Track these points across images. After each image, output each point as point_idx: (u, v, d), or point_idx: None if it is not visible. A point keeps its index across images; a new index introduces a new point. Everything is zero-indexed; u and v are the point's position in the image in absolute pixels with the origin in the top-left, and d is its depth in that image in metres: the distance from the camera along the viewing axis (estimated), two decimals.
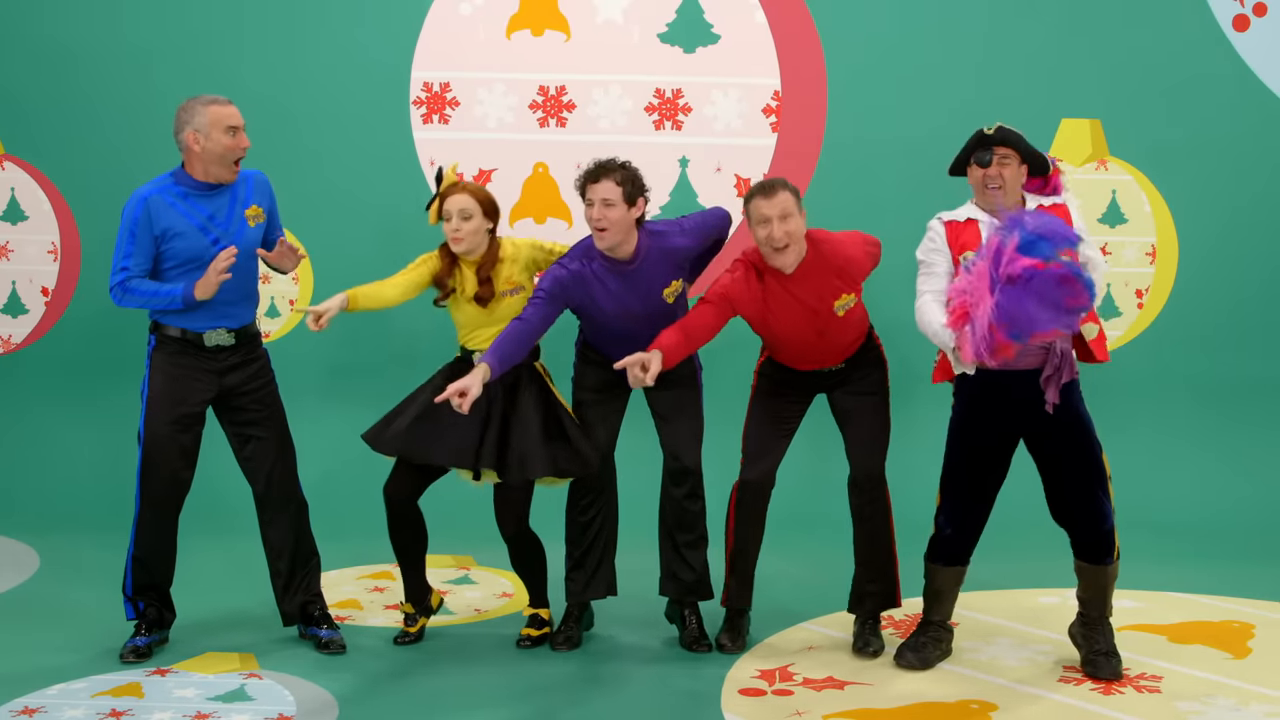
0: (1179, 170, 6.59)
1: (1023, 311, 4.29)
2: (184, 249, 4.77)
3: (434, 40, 6.67)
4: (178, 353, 4.84)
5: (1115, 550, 4.79)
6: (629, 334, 4.84)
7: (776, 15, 6.60)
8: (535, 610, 5.14)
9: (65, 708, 4.44)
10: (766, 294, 4.79)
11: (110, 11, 6.73)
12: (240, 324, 4.91)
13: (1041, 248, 4.32)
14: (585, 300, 4.84)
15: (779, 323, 4.83)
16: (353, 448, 5.65)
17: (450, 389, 4.54)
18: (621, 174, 4.74)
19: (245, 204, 4.87)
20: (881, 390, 5.02)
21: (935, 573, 4.91)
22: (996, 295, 4.33)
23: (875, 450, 4.96)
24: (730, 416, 5.18)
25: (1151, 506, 6.50)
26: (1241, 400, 6.69)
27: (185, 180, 4.82)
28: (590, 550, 5.08)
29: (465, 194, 4.85)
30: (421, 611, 5.14)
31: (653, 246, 4.86)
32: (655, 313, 4.87)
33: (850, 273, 4.83)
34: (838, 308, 4.81)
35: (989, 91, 6.45)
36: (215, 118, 4.76)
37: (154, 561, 4.93)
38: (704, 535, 5.08)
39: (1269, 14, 6.55)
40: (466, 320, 4.95)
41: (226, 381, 4.89)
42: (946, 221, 4.76)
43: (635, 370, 4.60)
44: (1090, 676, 4.76)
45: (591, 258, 4.83)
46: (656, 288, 4.86)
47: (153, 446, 4.82)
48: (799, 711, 4.50)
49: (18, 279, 6.99)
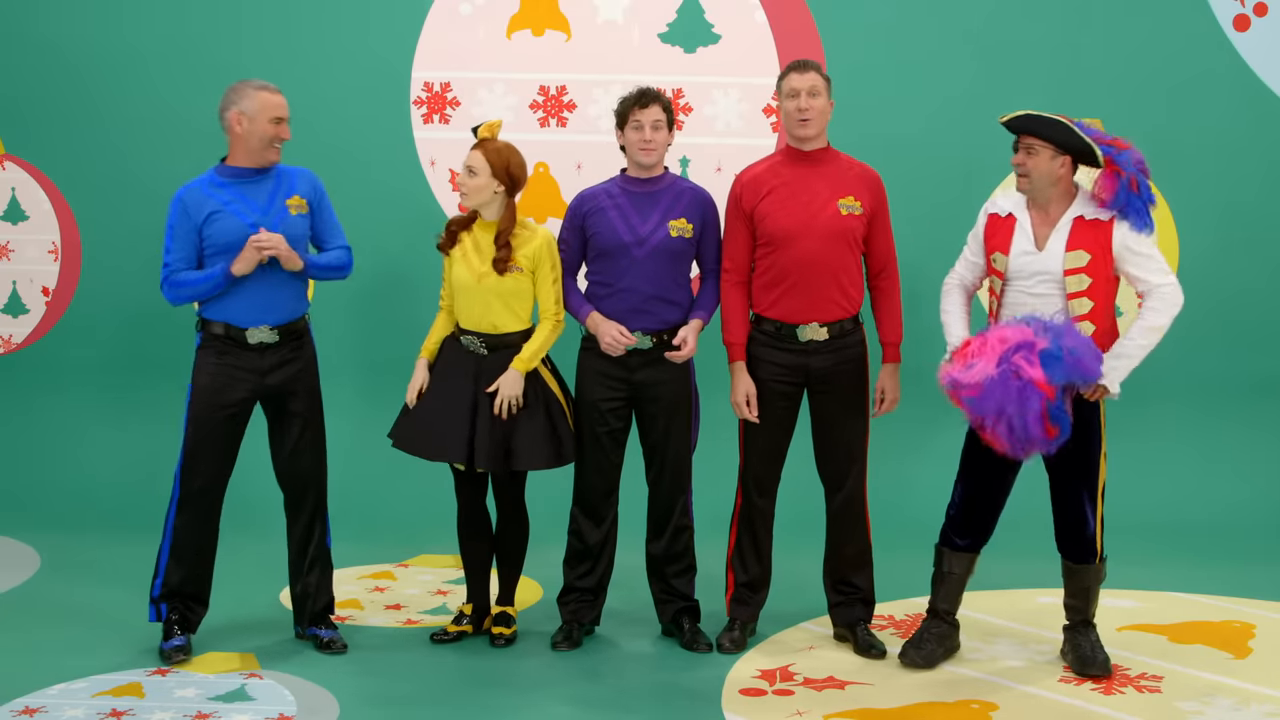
0: (1179, 170, 6.58)
1: (999, 407, 4.40)
2: (223, 232, 4.77)
3: (434, 40, 6.67)
4: (222, 350, 4.85)
5: (1099, 554, 4.80)
6: (632, 270, 4.92)
7: (776, 15, 6.60)
8: (503, 608, 5.16)
9: (65, 708, 4.44)
10: (777, 182, 4.91)
11: (110, 12, 6.72)
12: (285, 319, 4.88)
13: (1057, 372, 4.41)
14: (595, 214, 4.97)
15: (784, 211, 4.86)
16: (354, 447, 5.67)
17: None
18: (665, 101, 4.98)
19: (288, 194, 4.87)
20: (863, 403, 5.02)
21: (942, 556, 4.92)
22: (995, 371, 4.41)
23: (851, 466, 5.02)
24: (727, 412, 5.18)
25: (1152, 506, 6.50)
26: (1242, 400, 6.68)
27: (226, 171, 4.86)
28: (588, 575, 5.12)
29: (478, 151, 4.91)
30: (472, 618, 5.16)
31: (679, 181, 5.03)
32: (658, 246, 4.92)
33: (865, 183, 4.92)
34: (841, 205, 4.86)
35: (989, 91, 6.44)
36: (264, 104, 4.79)
37: (192, 559, 4.91)
38: (692, 564, 5.16)
39: (1269, 14, 6.54)
40: (456, 285, 4.94)
41: (269, 381, 4.88)
42: (990, 214, 4.78)
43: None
44: (1082, 676, 4.76)
45: (612, 182, 5.03)
46: (667, 216, 4.94)
47: (195, 444, 4.85)
48: (799, 711, 4.50)
49: (18, 279, 6.98)
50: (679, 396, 5.02)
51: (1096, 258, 4.62)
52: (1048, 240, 4.66)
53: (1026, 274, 4.66)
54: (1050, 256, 4.64)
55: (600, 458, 5.03)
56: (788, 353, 4.94)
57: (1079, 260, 4.61)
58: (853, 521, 5.06)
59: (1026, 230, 4.69)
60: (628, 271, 4.94)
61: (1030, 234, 4.68)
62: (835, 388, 4.96)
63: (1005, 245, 4.69)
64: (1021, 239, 4.68)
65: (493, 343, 4.92)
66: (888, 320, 5.01)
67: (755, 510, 5.06)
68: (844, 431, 5.01)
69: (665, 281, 4.95)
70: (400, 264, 6.39)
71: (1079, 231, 4.64)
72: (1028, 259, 4.67)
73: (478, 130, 4.95)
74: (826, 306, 4.89)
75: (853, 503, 5.05)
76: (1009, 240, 4.69)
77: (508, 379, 4.87)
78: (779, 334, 4.94)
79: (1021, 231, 4.69)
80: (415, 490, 6.08)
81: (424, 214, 6.51)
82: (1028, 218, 4.70)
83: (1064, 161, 4.64)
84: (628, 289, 4.94)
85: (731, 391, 5.01)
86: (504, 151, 4.90)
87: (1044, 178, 4.65)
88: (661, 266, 4.94)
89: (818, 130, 4.90)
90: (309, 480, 5.00)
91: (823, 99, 4.88)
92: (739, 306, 5.02)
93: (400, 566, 6.02)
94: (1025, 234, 4.69)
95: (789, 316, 4.92)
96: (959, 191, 6.36)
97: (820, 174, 4.91)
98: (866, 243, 4.95)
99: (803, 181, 4.90)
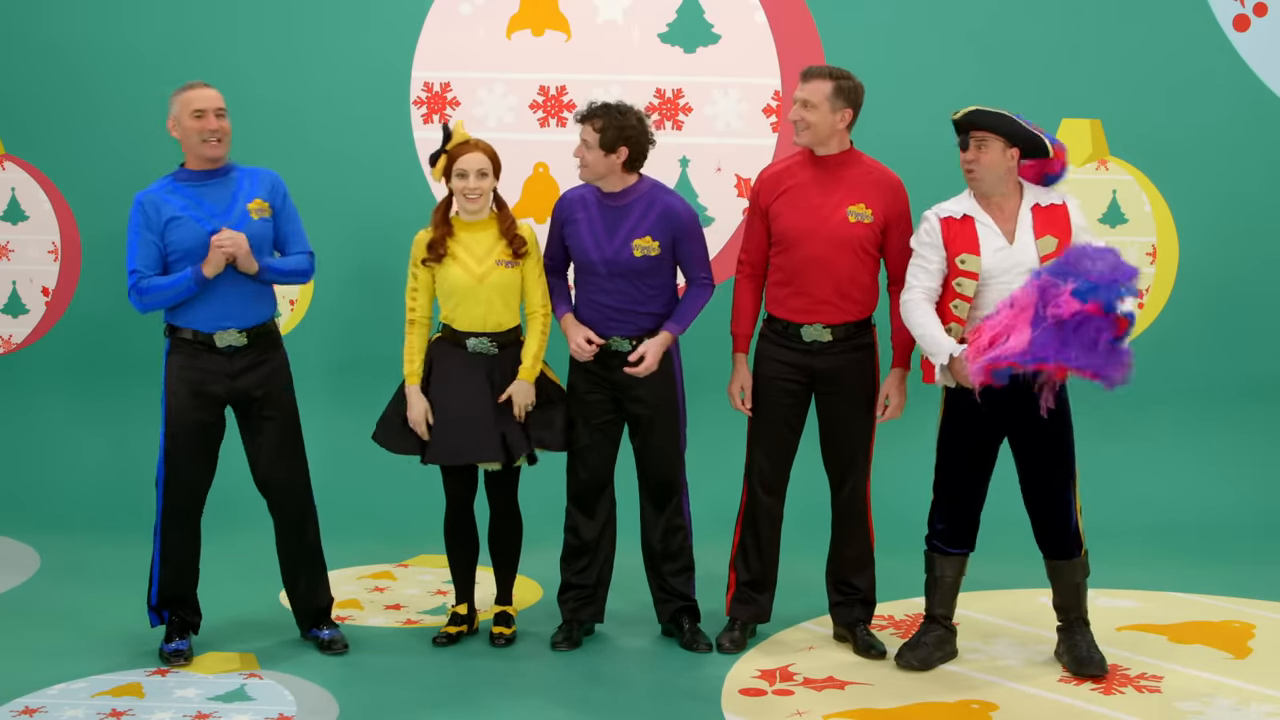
0: (1179, 170, 6.58)
1: (1063, 352, 4.37)
2: (184, 237, 4.76)
3: (434, 40, 6.67)
4: (192, 355, 4.83)
5: (1082, 545, 4.81)
6: (601, 288, 4.93)
7: (776, 15, 6.60)
8: (502, 608, 5.16)
9: (65, 708, 4.44)
10: (793, 183, 4.91)
11: (110, 11, 6.72)
12: (252, 323, 4.85)
13: (1100, 294, 4.38)
14: (569, 224, 4.99)
15: (794, 212, 4.86)
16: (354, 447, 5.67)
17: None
18: (602, 119, 4.89)
19: (249, 197, 4.84)
20: (868, 406, 5.01)
21: (933, 560, 4.92)
22: (1034, 333, 4.38)
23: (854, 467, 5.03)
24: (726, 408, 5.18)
25: (1152, 507, 6.50)
26: (1242, 399, 6.67)
27: (183, 175, 4.84)
28: (585, 571, 5.12)
29: (480, 152, 4.88)
30: (466, 618, 5.16)
31: (650, 194, 4.97)
32: (621, 264, 4.90)
33: (881, 189, 4.90)
34: (850, 212, 4.85)
35: (989, 91, 6.40)
36: (183, 103, 4.79)
37: (180, 565, 4.90)
38: (689, 564, 5.15)
39: (1269, 14, 6.54)
40: (452, 289, 4.91)
41: (239, 384, 4.85)
42: (943, 218, 4.76)
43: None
44: (1079, 676, 4.76)
45: (589, 188, 5.04)
46: (631, 234, 4.91)
47: (173, 450, 4.83)
48: (799, 711, 4.50)
49: (18, 279, 6.98)
50: (661, 397, 5.02)
51: (1063, 242, 4.67)
52: (1015, 233, 4.68)
53: (1002, 270, 4.67)
54: (1023, 248, 4.66)
55: (590, 451, 5.03)
56: (793, 351, 4.94)
57: (1049, 246, 4.65)
58: (854, 523, 5.06)
59: (992, 227, 4.70)
60: (598, 286, 4.96)
61: (997, 230, 4.69)
62: (840, 389, 4.96)
63: (973, 246, 4.69)
64: (990, 237, 4.69)
65: (502, 340, 4.93)
66: (899, 326, 5.00)
67: (761, 508, 5.05)
68: (848, 433, 5.01)
69: (635, 296, 4.95)
70: (400, 264, 6.37)
71: (1041, 219, 4.69)
72: (1002, 255, 4.67)
73: (450, 136, 4.89)
74: (829, 309, 4.89)
75: (855, 504, 5.05)
76: (975, 240, 4.69)
77: (520, 389, 4.89)
78: (786, 333, 4.95)
79: (988, 229, 4.70)
80: (415, 490, 6.06)
81: (424, 214, 6.44)
82: (987, 216, 4.71)
83: (1014, 154, 4.69)
84: (601, 302, 4.96)
85: (729, 382, 5.02)
86: (490, 146, 4.93)
87: (995, 170, 4.68)
88: (629, 284, 4.94)
89: (812, 140, 4.88)
90: (286, 484, 4.94)
91: (821, 110, 4.81)
92: (748, 299, 5.03)
93: (400, 566, 6.02)
94: (992, 231, 4.70)
95: (794, 316, 4.92)
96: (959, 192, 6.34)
97: (836, 178, 4.89)
98: (883, 249, 4.95)
99: (817, 184, 4.89)
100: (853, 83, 4.86)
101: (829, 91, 4.82)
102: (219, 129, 4.78)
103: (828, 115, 4.83)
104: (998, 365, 4.45)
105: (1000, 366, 4.45)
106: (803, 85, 4.86)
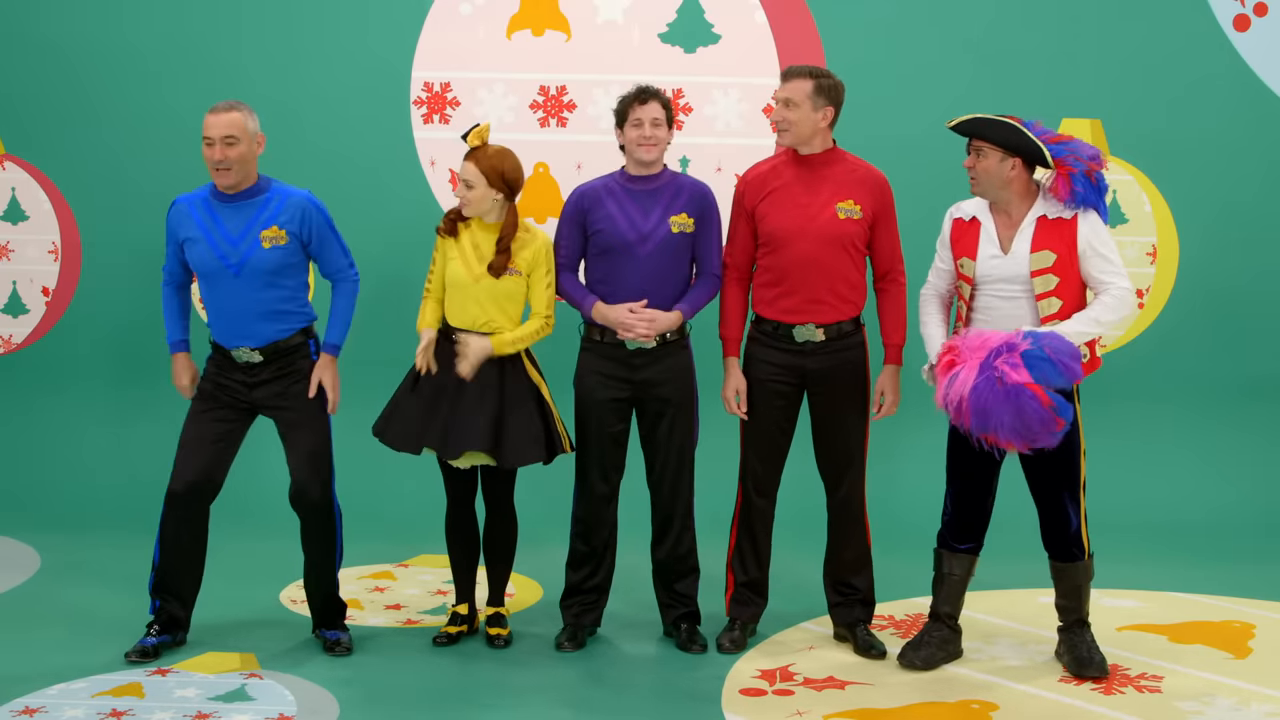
0: (1179, 170, 6.58)
1: (994, 413, 4.40)
2: (197, 258, 4.84)
3: (434, 40, 6.67)
4: (219, 362, 4.92)
5: (1086, 550, 4.81)
6: (634, 268, 4.91)
7: (776, 15, 6.60)
8: (496, 609, 5.15)
9: (65, 708, 4.44)
10: (778, 183, 4.91)
11: (110, 12, 6.72)
12: (264, 342, 4.86)
13: (1045, 371, 4.39)
14: (596, 210, 4.96)
15: (782, 212, 4.86)
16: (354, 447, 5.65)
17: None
18: (664, 98, 4.98)
19: (265, 224, 4.81)
20: (862, 405, 5.02)
21: (941, 558, 4.92)
22: (978, 379, 4.40)
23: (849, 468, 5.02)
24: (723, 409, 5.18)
25: (1152, 507, 6.50)
26: (1243, 399, 6.68)
27: (216, 191, 4.86)
28: (592, 578, 5.12)
29: (471, 162, 4.87)
30: (466, 618, 5.16)
31: (679, 177, 5.03)
32: (661, 242, 4.92)
33: (868, 186, 4.89)
34: (840, 209, 4.85)
35: (989, 91, 6.43)
36: (203, 127, 4.79)
37: (174, 557, 4.90)
38: (695, 567, 5.15)
39: (1269, 14, 6.54)
40: (451, 282, 4.90)
41: (255, 395, 4.89)
42: (955, 219, 4.79)
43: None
44: (1079, 677, 4.76)
45: (611, 178, 5.01)
46: (669, 211, 4.93)
47: (184, 448, 4.87)
48: (799, 711, 4.50)
49: (18, 279, 6.98)
50: (681, 395, 5.02)
51: (1062, 257, 4.63)
52: (1012, 242, 4.67)
53: (994, 278, 4.68)
54: (1016, 260, 4.65)
55: (602, 459, 5.03)
56: (784, 353, 4.94)
57: (1045, 261, 4.62)
58: (850, 524, 5.06)
59: (991, 234, 4.70)
60: (631, 269, 4.93)
61: (995, 238, 4.69)
62: (833, 389, 4.96)
63: (971, 250, 4.71)
64: (987, 244, 4.70)
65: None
66: (890, 322, 5.00)
67: (754, 510, 5.06)
68: (841, 433, 5.00)
69: (667, 278, 4.94)
70: (401, 264, 6.39)
71: (1043, 231, 4.66)
72: (995, 263, 4.68)
73: (467, 137, 4.91)
74: (822, 309, 4.89)
75: (850, 504, 5.05)
76: (975, 245, 4.70)
77: (476, 341, 4.82)
78: (776, 334, 4.94)
79: (986, 236, 4.70)
80: (415, 490, 6.07)
81: (424, 214, 6.50)
82: (991, 221, 4.71)
83: (1014, 163, 4.65)
84: (630, 287, 4.93)
85: (722, 386, 5.02)
86: (495, 158, 4.86)
87: (993, 179, 4.67)
88: (664, 263, 4.94)
89: (795, 140, 4.89)
90: (301, 495, 4.91)
91: (803, 109, 4.82)
92: (736, 303, 5.03)
93: (400, 566, 6.02)
94: (990, 238, 4.70)
95: (785, 317, 4.92)
96: (959, 193, 6.28)
97: (822, 177, 4.90)
98: (870, 245, 4.95)
99: (803, 184, 4.90)
100: (833, 81, 4.88)
101: (810, 90, 4.83)
102: (224, 158, 4.74)
103: (810, 114, 4.84)
104: (947, 406, 4.49)
105: (950, 411, 4.50)
106: (783, 85, 4.88)
